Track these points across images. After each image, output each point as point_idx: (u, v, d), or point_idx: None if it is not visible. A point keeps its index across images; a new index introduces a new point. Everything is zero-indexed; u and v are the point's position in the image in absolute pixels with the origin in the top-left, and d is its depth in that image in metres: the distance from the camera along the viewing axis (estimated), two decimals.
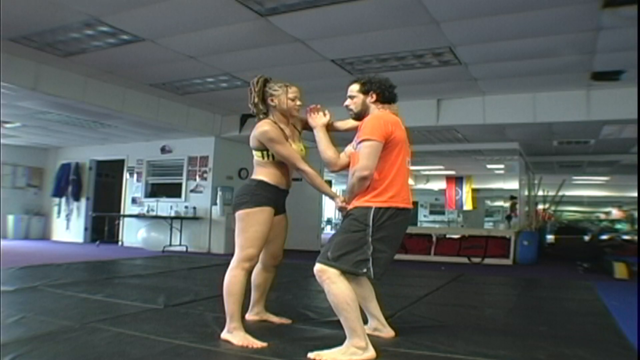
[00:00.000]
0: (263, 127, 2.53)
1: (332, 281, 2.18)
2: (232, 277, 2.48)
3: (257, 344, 2.36)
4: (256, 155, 2.61)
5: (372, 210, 2.25)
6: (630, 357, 2.36)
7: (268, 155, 2.58)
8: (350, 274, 2.27)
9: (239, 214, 2.54)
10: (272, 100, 2.61)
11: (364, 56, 5.17)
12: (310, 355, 2.17)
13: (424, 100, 6.75)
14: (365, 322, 2.58)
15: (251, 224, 2.50)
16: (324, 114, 2.67)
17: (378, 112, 2.42)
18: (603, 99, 5.98)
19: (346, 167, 2.51)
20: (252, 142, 2.60)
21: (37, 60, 5.54)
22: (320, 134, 2.58)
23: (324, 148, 2.52)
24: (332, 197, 2.57)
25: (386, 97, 2.48)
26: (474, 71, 5.55)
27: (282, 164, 2.60)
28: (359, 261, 2.21)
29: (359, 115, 2.51)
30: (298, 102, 2.64)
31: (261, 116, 2.64)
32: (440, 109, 6.87)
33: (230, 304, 2.47)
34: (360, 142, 2.31)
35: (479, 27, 4.31)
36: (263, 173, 2.60)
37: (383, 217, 2.25)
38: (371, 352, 2.18)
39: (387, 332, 2.59)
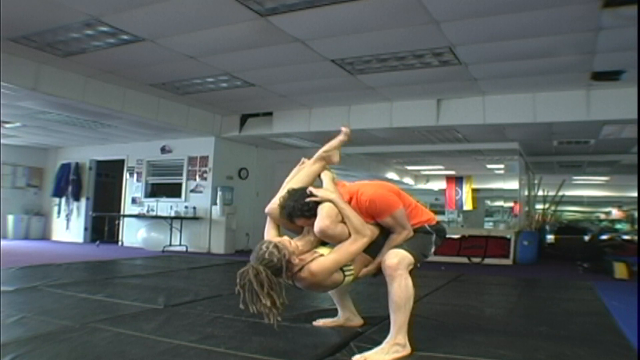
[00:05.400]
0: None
1: (405, 276, 2.29)
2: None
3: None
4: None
5: (427, 225, 2.56)
6: (630, 357, 2.36)
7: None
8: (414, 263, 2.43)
9: None
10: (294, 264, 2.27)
11: (364, 56, 5.17)
12: (355, 358, 2.18)
13: (424, 100, 6.74)
14: (334, 315, 2.84)
15: None
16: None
17: (369, 187, 2.51)
18: (603, 99, 5.98)
19: None
20: None
21: (37, 60, 5.55)
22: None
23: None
24: None
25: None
26: (474, 71, 5.55)
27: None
28: (423, 255, 2.50)
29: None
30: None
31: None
32: (440, 109, 6.87)
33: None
34: (390, 214, 2.42)
35: (479, 27, 4.31)
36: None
37: (434, 229, 2.58)
38: (408, 348, 2.27)
39: (358, 321, 2.80)
